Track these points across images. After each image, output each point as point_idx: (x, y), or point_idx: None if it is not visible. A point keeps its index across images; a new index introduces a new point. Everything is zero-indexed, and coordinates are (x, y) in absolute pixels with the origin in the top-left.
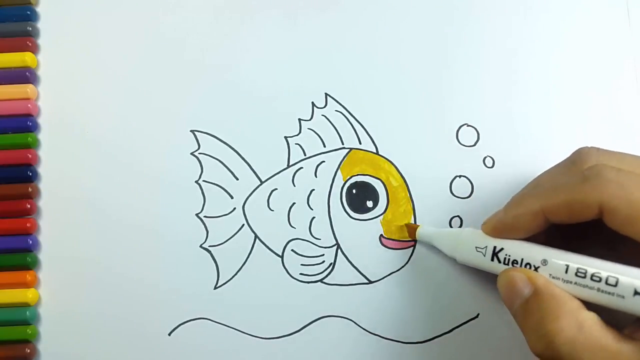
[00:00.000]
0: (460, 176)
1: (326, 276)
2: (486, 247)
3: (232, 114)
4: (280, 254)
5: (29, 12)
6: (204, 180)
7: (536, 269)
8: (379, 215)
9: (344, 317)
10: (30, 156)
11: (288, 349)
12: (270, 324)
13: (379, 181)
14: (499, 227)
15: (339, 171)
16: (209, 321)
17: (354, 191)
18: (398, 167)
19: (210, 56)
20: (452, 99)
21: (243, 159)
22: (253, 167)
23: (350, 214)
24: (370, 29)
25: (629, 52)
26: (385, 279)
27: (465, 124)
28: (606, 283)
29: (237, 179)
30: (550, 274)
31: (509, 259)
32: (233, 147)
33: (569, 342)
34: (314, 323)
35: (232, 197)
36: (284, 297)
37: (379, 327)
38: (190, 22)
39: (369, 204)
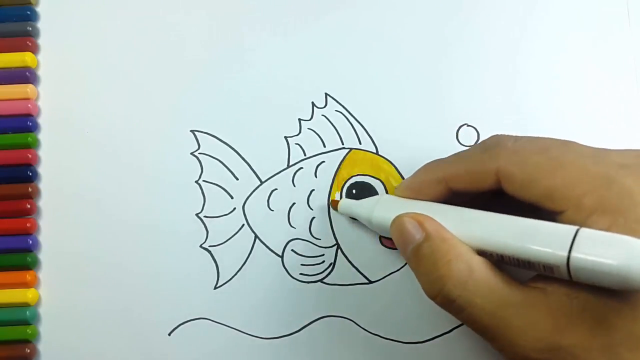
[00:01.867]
0: None
1: (326, 276)
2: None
3: (232, 114)
4: (280, 254)
5: (29, 12)
6: (204, 180)
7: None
8: None
9: (344, 317)
10: (30, 156)
11: (288, 349)
12: (270, 324)
13: (378, 181)
14: (407, 190)
15: (339, 171)
16: (209, 321)
17: (354, 191)
18: (398, 167)
19: (210, 56)
20: (452, 98)
21: (243, 159)
22: (253, 167)
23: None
24: (370, 29)
25: (629, 52)
26: (385, 279)
27: (465, 124)
28: (510, 223)
29: (237, 179)
30: (452, 216)
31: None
32: (233, 147)
33: (461, 285)
34: (314, 323)
35: (232, 197)
36: (284, 297)
37: (379, 327)
38: (191, 22)
39: None
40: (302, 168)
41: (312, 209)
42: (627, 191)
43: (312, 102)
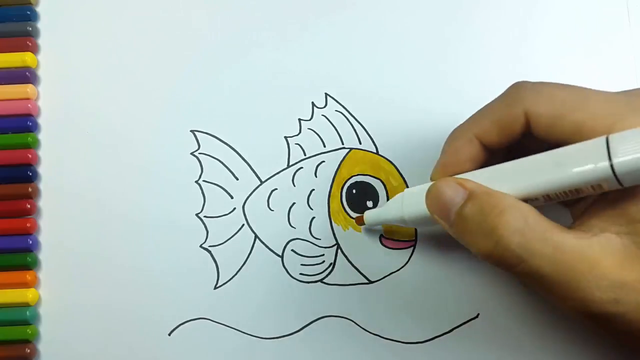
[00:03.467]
0: None
1: (326, 276)
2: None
3: (232, 114)
4: (280, 254)
5: (29, 12)
6: (204, 180)
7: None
8: None
9: (344, 317)
10: (30, 156)
11: (288, 349)
12: (270, 324)
13: (379, 181)
14: (442, 167)
15: (339, 171)
16: (209, 321)
17: (354, 191)
18: (398, 167)
19: (210, 56)
20: (453, 98)
21: (243, 159)
22: (253, 167)
23: (350, 214)
24: (370, 29)
25: (629, 52)
26: (385, 279)
27: None
28: (543, 156)
29: (237, 179)
30: (488, 172)
31: None
32: (233, 147)
33: (518, 233)
34: (314, 323)
35: (232, 197)
36: (284, 297)
37: (379, 327)
38: (190, 22)
39: (369, 204)
40: (302, 168)
41: (312, 209)
42: None
43: (312, 102)
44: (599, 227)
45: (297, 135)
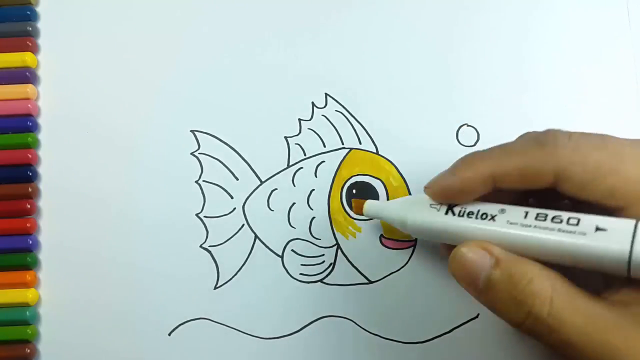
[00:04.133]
0: None
1: (326, 276)
2: (440, 204)
3: (232, 114)
4: (280, 254)
5: (29, 12)
6: (204, 180)
7: (493, 217)
8: None
9: (344, 317)
10: (30, 156)
11: (288, 349)
12: (270, 324)
13: (379, 181)
14: (446, 191)
15: (339, 171)
16: (209, 321)
17: (354, 191)
18: (398, 167)
19: (210, 56)
20: (453, 98)
21: (243, 159)
22: (253, 167)
23: (351, 214)
24: (370, 30)
25: (629, 52)
26: (385, 279)
27: (465, 124)
28: (567, 223)
29: (237, 179)
30: (507, 220)
31: (464, 212)
32: (233, 147)
33: (548, 302)
34: (314, 323)
35: (232, 197)
36: (284, 297)
37: (379, 327)
38: (190, 22)
39: None
40: (302, 168)
41: (312, 209)
42: None
43: (312, 102)
44: (630, 297)
45: (297, 135)
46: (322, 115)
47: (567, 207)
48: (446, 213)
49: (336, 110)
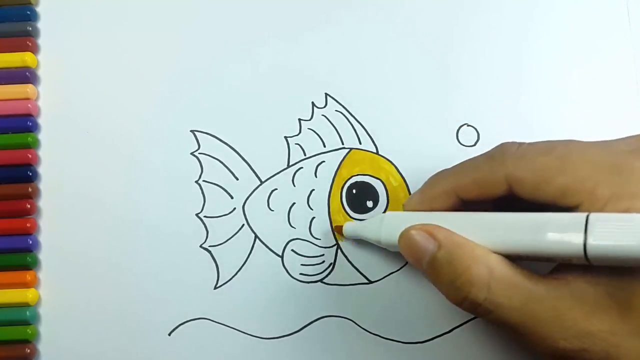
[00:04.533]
0: None
1: (326, 276)
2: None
3: (232, 114)
4: (280, 254)
5: (29, 12)
6: (204, 180)
7: None
8: None
9: (344, 317)
10: (30, 156)
11: (288, 349)
12: (270, 324)
13: (379, 181)
14: (416, 205)
15: (339, 171)
16: (209, 321)
17: (354, 191)
18: (398, 167)
19: (210, 56)
20: (453, 98)
21: (243, 159)
22: (253, 167)
23: (350, 214)
24: (370, 29)
25: (629, 52)
26: (385, 279)
27: (465, 124)
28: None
29: (237, 179)
30: (465, 221)
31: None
32: (233, 147)
33: (484, 288)
34: (314, 323)
35: (232, 197)
36: (284, 297)
37: (379, 327)
38: (190, 22)
39: (369, 204)
40: (302, 168)
41: (312, 209)
42: (638, 174)
43: (312, 102)
44: (576, 273)
45: (297, 135)
46: (322, 115)
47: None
48: None
49: (336, 110)
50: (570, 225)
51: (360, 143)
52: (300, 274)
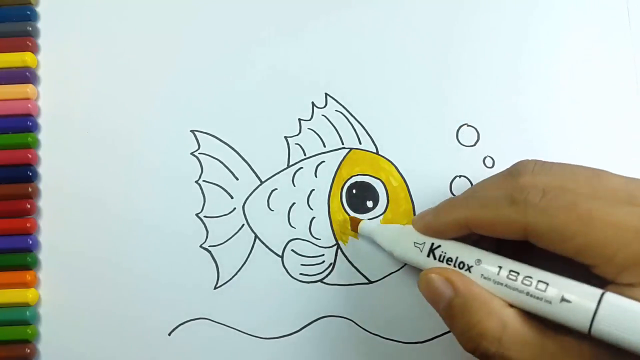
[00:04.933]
0: (460, 176)
1: (326, 276)
2: (424, 243)
3: (232, 114)
4: (280, 254)
5: (29, 12)
6: (204, 180)
7: (469, 268)
8: (379, 216)
9: (344, 317)
10: (30, 156)
11: (288, 349)
12: (270, 324)
13: (379, 181)
14: (426, 228)
15: (339, 171)
16: (209, 321)
17: (354, 191)
18: (398, 167)
19: (210, 56)
20: (452, 98)
21: (243, 159)
22: (253, 167)
23: (350, 214)
24: (370, 29)
25: (629, 52)
26: (385, 279)
27: (465, 124)
28: (536, 288)
29: (237, 179)
30: (482, 274)
31: (444, 256)
32: (233, 147)
33: (495, 342)
34: (314, 323)
35: (232, 197)
36: (284, 297)
37: (379, 327)
38: (191, 22)
39: (369, 204)
40: (302, 168)
41: (312, 209)
42: None
43: (312, 102)
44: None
45: (297, 135)
46: (322, 115)
47: (542, 252)
48: (428, 255)
49: (336, 110)
50: (581, 302)
51: (360, 143)
52: (300, 274)
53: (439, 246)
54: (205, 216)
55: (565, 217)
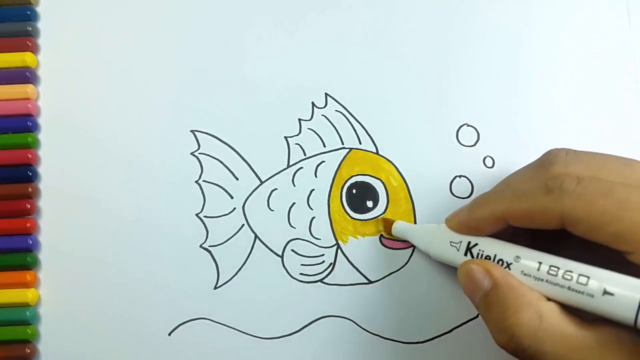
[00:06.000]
0: (460, 176)
1: (326, 276)
2: (460, 242)
3: (232, 114)
4: (280, 254)
5: (29, 12)
6: (204, 180)
7: (508, 265)
8: (379, 215)
9: (344, 317)
10: (30, 156)
11: (288, 349)
12: (270, 324)
13: (379, 181)
14: (461, 226)
15: (339, 171)
16: (209, 321)
17: (354, 191)
18: (398, 167)
19: (210, 56)
20: (452, 98)
21: (243, 159)
22: (253, 167)
23: (350, 214)
24: (370, 29)
25: (629, 52)
26: (385, 279)
27: (465, 124)
28: (577, 282)
29: (237, 179)
30: (522, 271)
31: (482, 254)
32: (233, 147)
33: (531, 334)
34: (314, 323)
35: (232, 197)
36: (284, 297)
37: (379, 327)
38: (190, 22)
39: (369, 204)
40: (302, 168)
41: (312, 209)
42: None
43: (312, 102)
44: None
45: (297, 135)
46: (322, 115)
47: (578, 243)
48: (465, 254)
49: (336, 110)
50: (624, 294)
51: (360, 143)
52: (300, 274)
53: (476, 244)
54: (205, 216)
55: (603, 203)
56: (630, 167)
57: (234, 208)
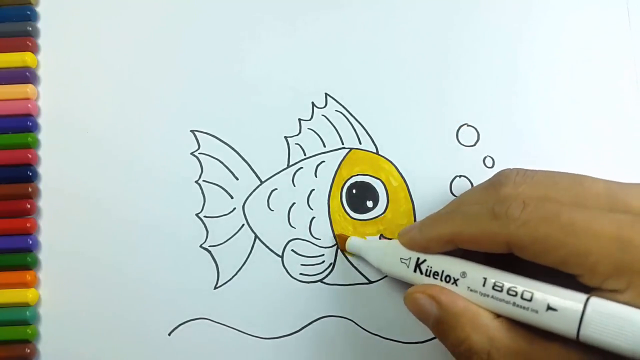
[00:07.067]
0: (460, 176)
1: (326, 276)
2: (410, 258)
3: (232, 114)
4: (280, 254)
5: (29, 12)
6: (204, 180)
7: (455, 281)
8: (379, 215)
9: (344, 317)
10: (30, 156)
11: (288, 349)
12: (270, 324)
13: (379, 181)
14: (412, 243)
15: (339, 171)
16: (209, 321)
17: (354, 191)
18: (398, 167)
19: (210, 56)
20: (452, 98)
21: (243, 159)
22: (253, 167)
23: (350, 214)
24: (370, 29)
25: (629, 52)
26: (385, 279)
27: (465, 124)
28: (521, 297)
29: (237, 179)
30: (468, 287)
31: (430, 271)
32: (233, 147)
33: (485, 355)
34: (314, 323)
35: (232, 197)
36: (284, 297)
37: (379, 327)
38: (190, 22)
39: (369, 204)
40: (302, 168)
41: (312, 209)
42: None
43: (312, 102)
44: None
45: (297, 135)
46: (322, 115)
47: (530, 262)
48: (414, 270)
49: (336, 110)
50: (567, 309)
51: (360, 143)
52: (300, 274)
53: (425, 260)
54: (205, 216)
55: (547, 229)
56: (582, 185)
57: (234, 208)
